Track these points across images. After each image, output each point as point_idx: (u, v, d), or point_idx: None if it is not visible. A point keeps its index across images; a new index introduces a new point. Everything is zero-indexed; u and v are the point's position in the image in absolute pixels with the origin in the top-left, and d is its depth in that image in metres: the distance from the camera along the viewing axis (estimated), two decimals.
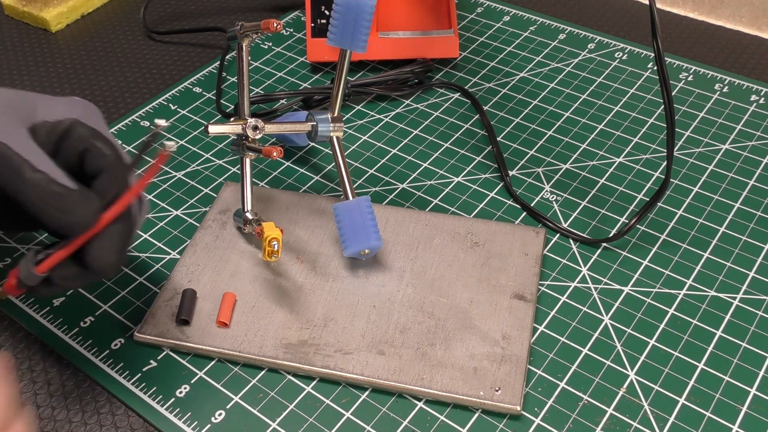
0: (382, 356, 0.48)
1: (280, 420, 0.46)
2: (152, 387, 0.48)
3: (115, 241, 0.40)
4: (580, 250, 0.55)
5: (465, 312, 0.50)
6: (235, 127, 0.52)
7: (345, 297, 0.51)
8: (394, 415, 0.47)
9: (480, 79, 0.71)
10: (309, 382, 0.48)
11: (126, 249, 0.41)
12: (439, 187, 0.61)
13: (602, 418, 0.46)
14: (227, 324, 0.50)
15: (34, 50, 0.77)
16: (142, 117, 0.68)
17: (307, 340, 0.49)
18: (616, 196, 0.59)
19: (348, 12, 0.50)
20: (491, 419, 0.46)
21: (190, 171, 0.63)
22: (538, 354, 0.49)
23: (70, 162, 0.42)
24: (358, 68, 0.73)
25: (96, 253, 0.40)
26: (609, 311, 0.52)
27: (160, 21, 0.81)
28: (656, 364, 0.48)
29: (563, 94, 0.69)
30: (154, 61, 0.75)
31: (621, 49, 0.73)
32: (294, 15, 0.81)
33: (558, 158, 0.63)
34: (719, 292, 0.52)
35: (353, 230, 0.51)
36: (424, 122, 0.67)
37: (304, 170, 0.63)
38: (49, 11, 0.79)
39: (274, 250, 0.49)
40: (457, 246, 0.54)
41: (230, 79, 0.72)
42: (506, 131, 0.65)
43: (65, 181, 0.39)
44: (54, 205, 0.38)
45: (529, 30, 0.77)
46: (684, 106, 0.67)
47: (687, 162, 0.62)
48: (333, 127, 0.55)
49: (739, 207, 0.58)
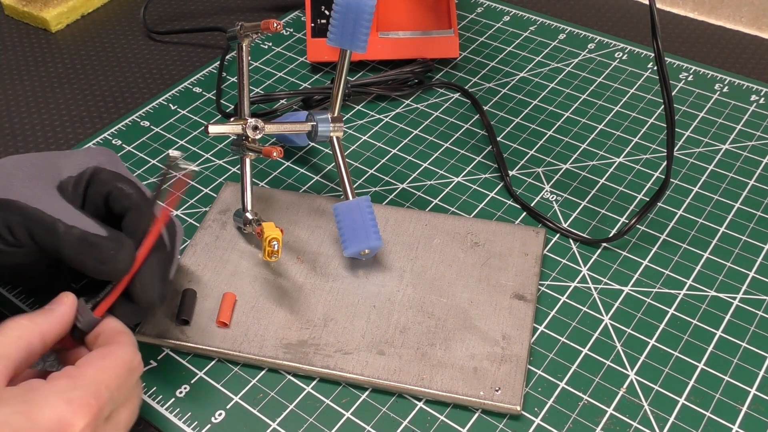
0: (382, 356, 0.48)
1: (280, 420, 0.46)
2: (152, 387, 0.48)
3: (154, 274, 0.43)
4: (580, 250, 0.55)
5: (465, 312, 0.50)
6: (235, 127, 0.52)
7: (345, 297, 0.51)
8: (394, 415, 0.47)
9: (480, 79, 0.71)
10: (309, 382, 0.48)
11: (167, 278, 0.44)
12: (439, 187, 0.61)
13: (602, 418, 0.46)
14: (227, 324, 0.50)
15: (34, 50, 0.77)
16: (142, 117, 0.68)
17: (307, 340, 0.49)
18: (616, 196, 0.59)
19: (348, 12, 0.50)
20: (491, 419, 0.46)
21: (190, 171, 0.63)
22: (538, 354, 0.49)
23: (98, 207, 0.45)
24: (358, 68, 0.73)
25: (139, 290, 0.42)
26: (609, 311, 0.52)
27: (160, 21, 0.81)
28: (656, 364, 0.48)
29: (563, 94, 0.69)
30: (154, 61, 0.75)
31: (621, 49, 0.73)
32: (294, 15, 0.81)
33: (558, 158, 0.63)
34: (719, 292, 0.52)
35: (353, 230, 0.51)
36: (424, 122, 0.67)
37: (304, 170, 0.63)
38: (49, 11, 0.79)
39: (274, 250, 0.49)
40: (457, 246, 0.54)
41: (230, 79, 0.72)
42: (506, 131, 0.65)
43: (98, 230, 0.41)
44: (91, 256, 0.41)
45: (529, 30, 0.77)
46: (684, 106, 0.67)
47: (687, 162, 0.62)
48: (333, 127, 0.55)
49: (739, 207, 0.58)
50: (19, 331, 0.39)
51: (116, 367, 0.38)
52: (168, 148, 0.65)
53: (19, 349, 0.38)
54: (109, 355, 0.39)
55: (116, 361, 0.39)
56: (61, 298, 0.42)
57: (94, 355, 0.39)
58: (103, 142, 0.66)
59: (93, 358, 0.39)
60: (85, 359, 0.38)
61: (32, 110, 0.70)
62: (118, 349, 0.39)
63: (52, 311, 0.41)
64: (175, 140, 0.66)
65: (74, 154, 0.46)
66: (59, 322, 0.41)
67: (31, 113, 0.70)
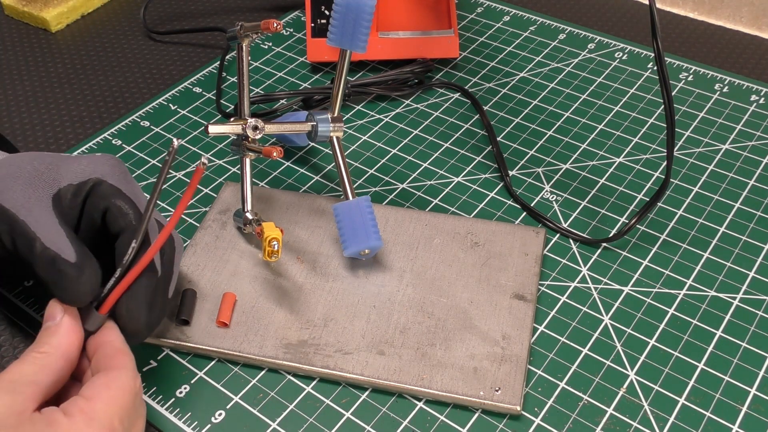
0: (382, 356, 0.48)
1: (280, 420, 0.46)
2: (152, 387, 0.48)
3: (141, 300, 0.42)
4: (580, 250, 0.55)
5: (465, 312, 0.50)
6: (235, 127, 0.52)
7: (345, 297, 0.51)
8: (394, 415, 0.47)
9: (480, 79, 0.71)
10: (309, 382, 0.48)
11: (156, 304, 0.43)
12: (439, 187, 0.61)
13: (602, 418, 0.46)
14: (227, 324, 0.50)
15: (34, 50, 0.77)
16: (142, 117, 0.68)
17: (307, 340, 0.49)
18: (616, 196, 0.59)
19: (348, 12, 0.50)
20: (491, 419, 0.46)
21: (190, 171, 0.63)
22: (538, 354, 0.49)
23: (94, 221, 0.45)
24: (358, 68, 0.73)
25: (125, 316, 0.42)
26: (609, 311, 0.52)
27: (160, 21, 0.81)
28: (656, 364, 0.48)
29: (563, 94, 0.69)
30: (154, 61, 0.75)
31: (621, 49, 0.73)
32: (294, 15, 0.81)
33: (558, 158, 0.63)
34: (719, 292, 0.52)
35: (353, 230, 0.51)
36: (424, 122, 0.67)
37: (304, 170, 0.63)
38: (49, 11, 0.79)
39: (274, 250, 0.49)
40: (457, 246, 0.54)
41: (230, 79, 0.72)
42: (506, 131, 0.65)
43: (69, 255, 0.41)
44: (54, 282, 0.41)
45: (529, 30, 0.77)
46: (684, 106, 0.67)
47: (687, 162, 0.62)
48: (333, 127, 0.55)
49: (739, 207, 0.58)
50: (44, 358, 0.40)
51: (122, 397, 0.39)
52: (167, 148, 0.65)
53: (47, 376, 0.39)
54: (113, 383, 0.39)
55: (122, 389, 0.39)
56: (53, 313, 0.41)
57: (99, 385, 0.39)
58: (103, 142, 0.66)
59: (99, 388, 0.39)
60: (91, 391, 0.39)
61: (32, 110, 0.70)
62: (120, 376, 0.40)
63: (57, 328, 0.41)
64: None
65: (78, 160, 0.46)
66: (68, 335, 0.41)
67: (31, 113, 0.70)
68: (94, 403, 0.38)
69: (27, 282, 0.54)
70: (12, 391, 0.37)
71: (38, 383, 0.39)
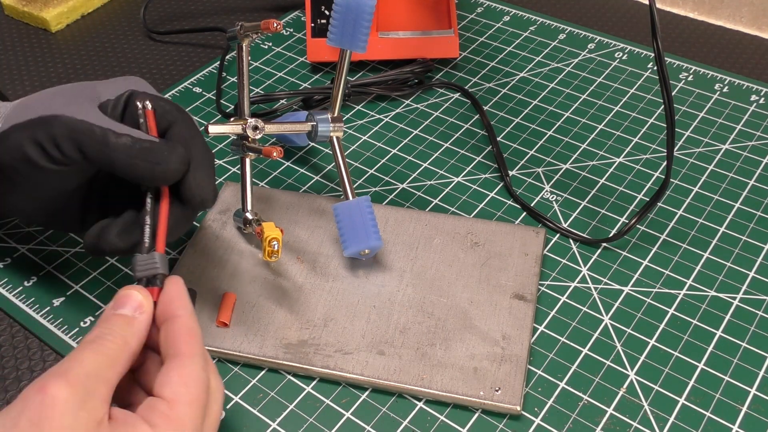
0: (382, 356, 0.48)
1: (280, 420, 0.46)
2: None
3: (206, 170, 0.44)
4: (580, 250, 0.55)
5: (465, 312, 0.50)
6: (235, 127, 0.52)
7: (345, 297, 0.51)
8: (394, 415, 0.47)
9: (480, 79, 0.71)
10: (309, 382, 0.48)
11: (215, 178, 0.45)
12: (439, 187, 0.61)
13: (602, 418, 0.46)
14: (227, 324, 0.50)
15: (34, 50, 0.77)
16: None
17: (307, 340, 0.49)
18: (616, 196, 0.59)
19: (348, 12, 0.50)
20: (491, 419, 0.46)
21: None
22: (538, 354, 0.49)
23: (137, 128, 0.45)
24: (358, 68, 0.73)
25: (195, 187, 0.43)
26: (609, 311, 0.52)
27: (160, 21, 0.81)
28: (656, 364, 0.48)
29: (563, 94, 0.69)
30: (154, 61, 0.75)
31: (621, 49, 0.73)
32: (294, 15, 0.81)
33: (558, 158, 0.63)
34: (719, 292, 0.52)
35: (353, 230, 0.51)
36: (424, 122, 0.67)
37: (304, 170, 0.63)
38: (49, 11, 0.79)
39: (274, 250, 0.49)
40: (457, 246, 0.54)
41: (230, 79, 0.72)
42: (506, 131, 0.65)
43: (148, 138, 0.43)
44: (145, 159, 0.41)
45: (529, 30, 0.77)
46: (684, 106, 0.67)
47: (687, 162, 0.62)
48: (333, 127, 0.55)
49: (739, 207, 0.58)
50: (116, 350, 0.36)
51: (203, 394, 0.37)
52: None
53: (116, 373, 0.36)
54: (190, 380, 0.36)
55: (198, 385, 0.36)
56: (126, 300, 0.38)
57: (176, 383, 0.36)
58: None
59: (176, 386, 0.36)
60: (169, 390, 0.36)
61: None
62: (194, 369, 0.37)
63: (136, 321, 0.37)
64: None
65: (110, 82, 0.47)
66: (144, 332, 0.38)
67: None
68: (177, 407, 0.35)
69: (27, 282, 0.54)
70: (88, 393, 0.34)
71: (109, 381, 0.35)
